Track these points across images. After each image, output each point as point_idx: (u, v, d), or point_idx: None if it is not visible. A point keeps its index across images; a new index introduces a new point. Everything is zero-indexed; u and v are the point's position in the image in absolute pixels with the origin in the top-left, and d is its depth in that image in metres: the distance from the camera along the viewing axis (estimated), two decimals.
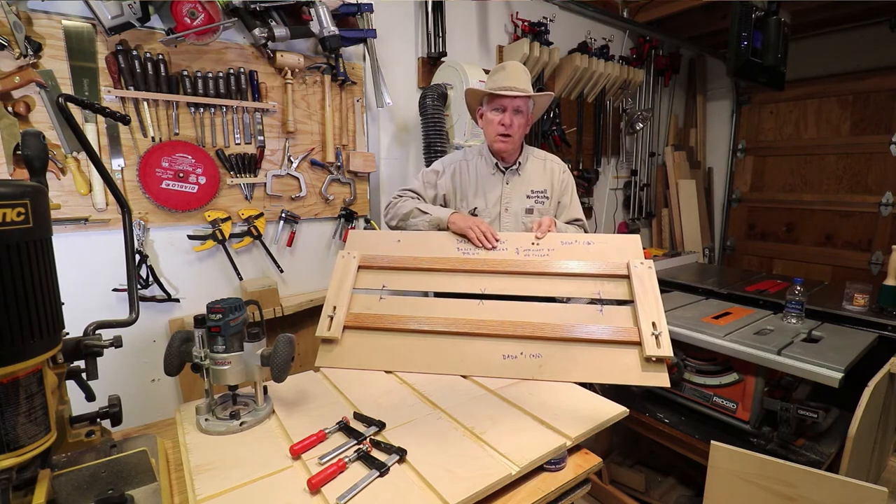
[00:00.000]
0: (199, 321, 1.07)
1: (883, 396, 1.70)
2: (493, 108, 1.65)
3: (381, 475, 0.92)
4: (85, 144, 0.95)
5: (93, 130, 1.70)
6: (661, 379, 1.25)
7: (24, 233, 0.68)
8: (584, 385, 1.30)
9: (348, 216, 2.34)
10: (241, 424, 1.08)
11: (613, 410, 1.17)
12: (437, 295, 1.52)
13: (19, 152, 1.33)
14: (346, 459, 0.94)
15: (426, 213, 1.66)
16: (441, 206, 1.76)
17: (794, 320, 1.94)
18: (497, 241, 1.56)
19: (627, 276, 1.43)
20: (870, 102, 3.41)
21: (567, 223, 1.79)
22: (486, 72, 2.03)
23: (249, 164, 2.02)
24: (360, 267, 1.56)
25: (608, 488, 2.17)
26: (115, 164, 1.75)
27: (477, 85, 2.24)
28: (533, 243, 1.55)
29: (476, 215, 1.73)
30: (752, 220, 4.14)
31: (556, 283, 1.47)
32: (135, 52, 1.72)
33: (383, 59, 2.32)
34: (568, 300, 1.54)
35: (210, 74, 1.87)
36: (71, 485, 0.81)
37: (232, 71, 1.92)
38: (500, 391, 1.25)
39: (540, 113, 1.83)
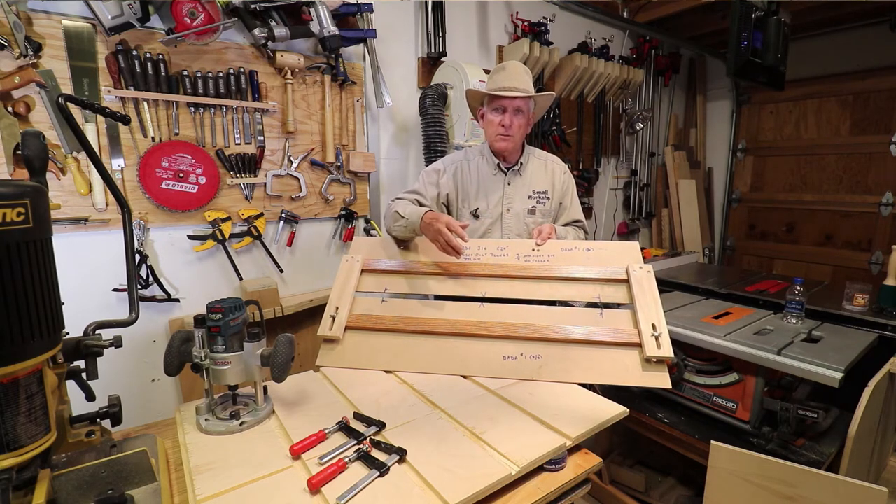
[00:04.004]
0: (199, 321, 1.07)
1: (883, 396, 1.70)
2: (493, 109, 1.65)
3: (381, 475, 0.92)
4: (85, 144, 0.95)
5: (93, 130, 1.70)
6: (661, 380, 1.25)
7: (24, 233, 0.68)
8: (584, 385, 1.30)
9: (348, 216, 2.34)
10: (241, 424, 1.08)
11: (613, 410, 1.17)
12: (438, 298, 1.53)
13: (19, 152, 1.33)
14: (346, 459, 0.94)
15: (403, 217, 1.56)
16: (444, 204, 1.76)
17: (794, 320, 1.94)
18: (464, 247, 1.47)
19: (627, 281, 1.43)
20: (870, 102, 3.41)
21: (567, 224, 1.80)
22: (487, 72, 2.03)
23: (249, 164, 2.02)
24: (363, 271, 1.57)
25: (608, 488, 2.17)
26: (115, 164, 1.75)
27: (477, 85, 2.24)
28: (533, 250, 1.56)
29: (478, 216, 1.74)
30: (752, 220, 4.14)
31: (556, 286, 1.47)
32: (135, 52, 1.72)
33: (383, 59, 2.32)
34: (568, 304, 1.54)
35: (210, 74, 1.87)
36: (71, 485, 0.81)
37: (232, 71, 1.92)
38: (500, 391, 1.25)
39: (541, 113, 1.83)
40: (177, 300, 1.94)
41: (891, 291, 2.01)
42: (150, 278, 1.85)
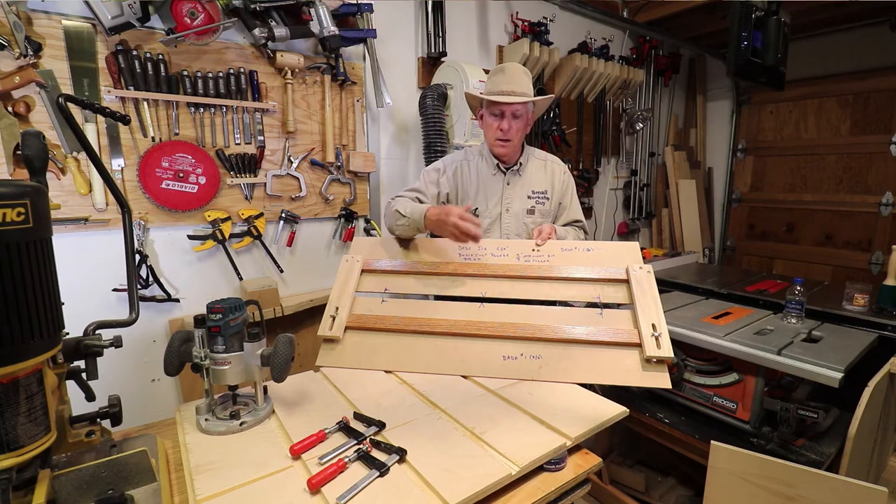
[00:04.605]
0: (199, 321, 1.07)
1: (883, 396, 1.70)
2: (491, 113, 1.65)
3: (381, 475, 0.92)
4: (85, 144, 0.95)
5: (93, 130, 1.70)
6: (661, 380, 1.25)
7: (24, 233, 0.68)
8: (584, 385, 1.30)
9: (348, 216, 2.34)
10: (241, 424, 1.08)
11: (613, 410, 1.17)
12: (438, 298, 1.53)
13: (19, 152, 1.33)
14: (346, 459, 0.94)
15: (405, 215, 1.56)
16: (443, 203, 1.76)
17: (794, 320, 1.94)
18: (478, 228, 1.47)
19: (627, 281, 1.43)
20: (870, 102, 3.41)
21: (567, 224, 1.80)
22: (487, 72, 2.03)
23: (249, 164, 2.02)
24: (363, 271, 1.57)
25: (608, 488, 2.17)
26: (115, 164, 1.75)
27: (477, 85, 2.24)
28: (533, 250, 1.56)
29: (478, 216, 1.73)
30: (752, 220, 4.14)
31: (557, 287, 1.47)
32: (135, 52, 1.72)
33: (383, 59, 2.32)
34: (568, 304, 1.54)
35: (210, 74, 1.87)
36: (71, 485, 0.81)
37: (232, 71, 1.92)
38: (500, 391, 1.25)
39: (541, 112, 1.83)
40: (177, 300, 1.94)
41: (891, 291, 2.01)
42: (150, 278, 1.85)
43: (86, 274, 1.73)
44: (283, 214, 2.15)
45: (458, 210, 1.46)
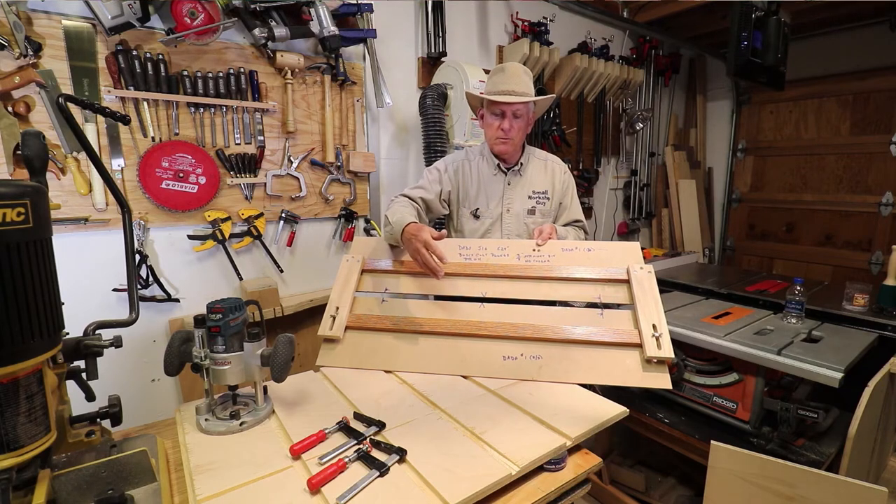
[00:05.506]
0: (199, 321, 1.07)
1: (883, 396, 1.70)
2: (492, 113, 1.65)
3: (381, 475, 0.92)
4: (85, 144, 0.95)
5: (93, 130, 1.70)
6: (662, 380, 1.25)
7: (24, 233, 0.68)
8: (584, 385, 1.30)
9: (348, 216, 2.34)
10: (241, 424, 1.08)
11: (613, 410, 1.17)
12: (438, 298, 1.53)
13: (19, 152, 1.33)
14: (346, 459, 0.94)
15: (391, 223, 1.53)
16: (444, 201, 1.75)
17: (794, 320, 1.94)
18: (441, 271, 1.44)
19: (627, 281, 1.43)
20: (870, 102, 3.41)
21: (567, 224, 1.80)
22: (487, 72, 2.03)
23: (249, 164, 2.02)
24: (363, 271, 1.57)
25: (608, 488, 2.17)
26: (115, 164, 1.75)
27: (477, 85, 2.24)
28: (534, 250, 1.56)
29: (479, 216, 1.74)
30: (752, 220, 4.14)
31: (557, 287, 1.47)
32: (135, 52, 1.72)
33: (383, 59, 2.32)
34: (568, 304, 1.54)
35: (210, 74, 1.87)
36: (71, 485, 0.81)
37: (232, 71, 1.92)
38: (500, 391, 1.25)
39: (541, 112, 1.83)
40: (177, 300, 1.94)
41: (891, 291, 2.01)
42: (150, 278, 1.85)
43: (86, 274, 1.73)
44: (283, 214, 2.15)
45: (427, 237, 1.41)
